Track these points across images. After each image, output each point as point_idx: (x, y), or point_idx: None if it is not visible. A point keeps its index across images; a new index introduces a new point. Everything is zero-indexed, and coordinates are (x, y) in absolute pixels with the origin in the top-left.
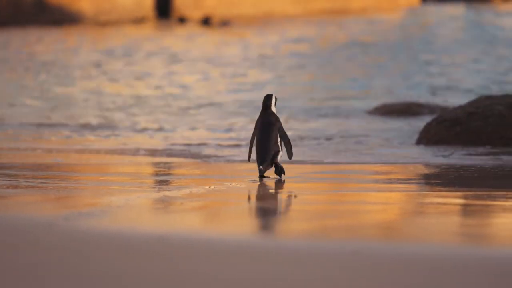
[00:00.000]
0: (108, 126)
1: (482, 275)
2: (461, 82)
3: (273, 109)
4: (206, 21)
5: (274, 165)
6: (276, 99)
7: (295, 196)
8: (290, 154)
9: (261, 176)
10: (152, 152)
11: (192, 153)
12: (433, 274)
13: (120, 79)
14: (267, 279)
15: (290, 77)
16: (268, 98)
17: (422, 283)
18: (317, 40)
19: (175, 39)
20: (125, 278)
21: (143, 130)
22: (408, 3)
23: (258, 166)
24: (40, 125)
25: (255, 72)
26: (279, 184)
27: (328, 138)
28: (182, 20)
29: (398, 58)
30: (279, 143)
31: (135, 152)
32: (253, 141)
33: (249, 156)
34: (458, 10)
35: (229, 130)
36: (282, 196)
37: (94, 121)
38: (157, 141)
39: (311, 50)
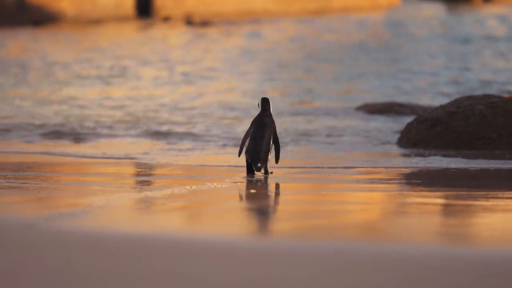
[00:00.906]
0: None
1: (464, 274)
2: (440, 82)
3: (270, 111)
4: (188, 21)
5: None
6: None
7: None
8: (277, 158)
9: (250, 173)
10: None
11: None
12: (415, 273)
13: (90, 80)
14: (252, 279)
15: (270, 76)
16: (265, 101)
17: (404, 283)
18: (298, 40)
19: (155, 40)
20: (107, 279)
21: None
22: (388, 3)
23: (254, 164)
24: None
25: (232, 73)
26: (261, 184)
27: (309, 138)
28: (166, 19)
29: (379, 58)
30: (270, 144)
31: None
32: (246, 139)
33: (240, 152)
34: (438, 10)
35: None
36: (265, 196)
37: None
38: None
39: (292, 49)
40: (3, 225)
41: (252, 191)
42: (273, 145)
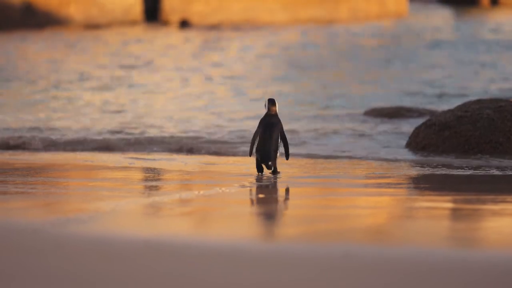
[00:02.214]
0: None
1: (472, 278)
2: (449, 88)
3: (276, 111)
4: (184, 24)
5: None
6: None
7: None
8: (287, 155)
9: (259, 171)
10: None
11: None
12: (423, 277)
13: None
14: (258, 283)
15: (280, 80)
16: (271, 102)
17: (412, 286)
18: (306, 46)
19: (150, 44)
20: (114, 284)
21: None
22: (396, 10)
23: (262, 162)
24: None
25: (237, 78)
26: (269, 188)
27: (317, 142)
28: (165, 23)
29: (387, 64)
30: (279, 143)
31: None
32: (255, 139)
33: (250, 152)
34: (446, 15)
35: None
36: (273, 200)
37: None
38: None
39: (298, 55)
40: (10, 229)
41: (260, 195)
42: (281, 142)
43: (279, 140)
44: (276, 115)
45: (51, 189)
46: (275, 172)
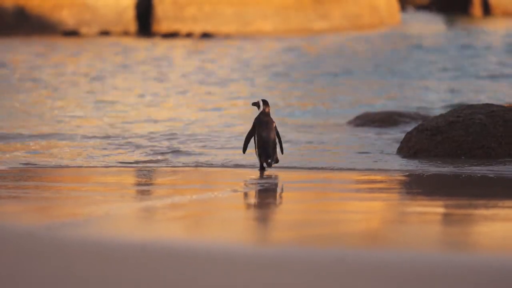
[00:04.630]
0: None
1: (464, 282)
2: (441, 93)
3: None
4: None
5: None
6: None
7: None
8: (282, 150)
9: (266, 167)
10: None
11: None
12: (416, 281)
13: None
14: (253, 287)
15: (270, 87)
16: (265, 102)
17: None
18: (296, 54)
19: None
20: (109, 287)
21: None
22: (389, 20)
23: (266, 160)
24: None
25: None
26: (261, 193)
27: (309, 147)
28: (155, 33)
29: (378, 72)
30: (275, 140)
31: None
32: (250, 137)
33: (244, 149)
34: (438, 24)
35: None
36: (265, 205)
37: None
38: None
39: (290, 62)
40: (5, 233)
41: (253, 200)
42: (276, 138)
43: (275, 137)
44: (269, 114)
45: (44, 193)
46: (276, 161)
